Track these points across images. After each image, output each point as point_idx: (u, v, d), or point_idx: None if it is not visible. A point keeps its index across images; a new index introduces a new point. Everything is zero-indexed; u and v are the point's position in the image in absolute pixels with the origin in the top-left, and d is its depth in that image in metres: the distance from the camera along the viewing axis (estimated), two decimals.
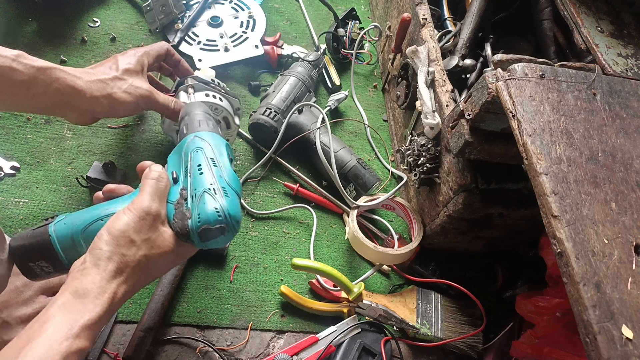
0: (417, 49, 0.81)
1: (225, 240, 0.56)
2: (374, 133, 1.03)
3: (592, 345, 0.45)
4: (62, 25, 0.96)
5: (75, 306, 0.46)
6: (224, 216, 0.53)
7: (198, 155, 0.58)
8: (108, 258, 0.49)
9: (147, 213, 0.52)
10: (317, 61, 1.02)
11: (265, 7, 1.11)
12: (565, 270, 0.48)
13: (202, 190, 0.54)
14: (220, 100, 0.77)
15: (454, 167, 0.73)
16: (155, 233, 0.52)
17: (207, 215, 0.53)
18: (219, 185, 0.55)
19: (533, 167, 0.53)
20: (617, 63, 0.75)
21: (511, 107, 0.57)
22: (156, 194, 0.54)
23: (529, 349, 0.72)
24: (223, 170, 0.57)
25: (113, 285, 0.48)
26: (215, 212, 0.53)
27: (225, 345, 0.72)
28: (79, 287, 0.47)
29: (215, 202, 0.53)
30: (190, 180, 0.56)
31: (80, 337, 0.44)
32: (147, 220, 0.52)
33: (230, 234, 0.55)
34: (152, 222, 0.52)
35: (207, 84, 0.77)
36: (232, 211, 0.54)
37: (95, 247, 0.49)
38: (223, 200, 0.54)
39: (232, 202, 0.55)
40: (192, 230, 0.53)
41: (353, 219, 0.83)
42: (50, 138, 0.83)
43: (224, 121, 0.80)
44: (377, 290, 0.84)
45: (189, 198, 0.55)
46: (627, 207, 0.53)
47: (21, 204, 0.75)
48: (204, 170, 0.56)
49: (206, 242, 0.54)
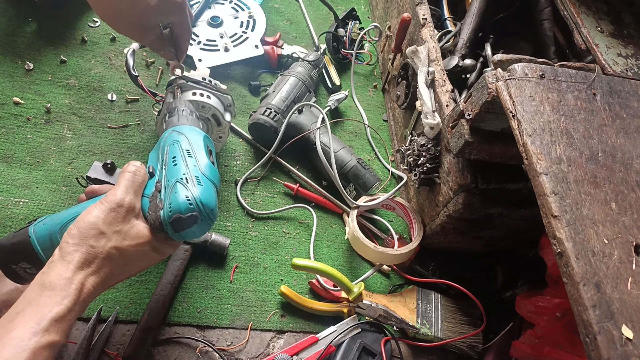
0: (417, 49, 0.81)
1: (201, 230, 0.55)
2: (374, 133, 1.03)
3: (592, 345, 0.45)
4: (62, 25, 0.97)
5: (43, 300, 0.46)
6: (195, 204, 0.52)
7: (174, 148, 0.58)
8: (74, 250, 0.49)
9: (118, 205, 0.52)
10: (317, 61, 1.02)
11: (265, 7, 1.11)
12: (565, 270, 0.48)
13: (175, 180, 0.54)
14: (208, 98, 0.77)
15: (454, 167, 0.73)
16: (128, 225, 0.52)
17: (178, 204, 0.52)
18: (192, 174, 0.55)
19: (533, 167, 0.53)
20: (617, 63, 0.74)
21: (511, 107, 0.57)
22: (131, 187, 0.54)
23: (529, 349, 0.72)
24: (198, 160, 0.57)
25: (80, 276, 0.48)
26: (186, 201, 0.52)
27: (225, 345, 0.72)
28: (46, 281, 0.47)
29: (187, 191, 0.53)
30: (165, 172, 0.56)
31: (50, 332, 0.44)
32: (119, 212, 0.52)
33: (205, 224, 0.54)
34: (125, 215, 0.52)
35: (196, 82, 0.77)
36: (204, 199, 0.53)
37: (63, 241, 0.50)
38: (195, 188, 0.53)
39: (205, 190, 0.54)
40: (164, 221, 0.53)
41: (353, 219, 0.83)
42: (50, 138, 0.83)
43: (214, 118, 0.80)
44: (377, 290, 0.84)
45: (162, 189, 0.55)
46: (627, 207, 0.53)
47: (21, 204, 0.75)
48: (178, 162, 0.56)
49: (180, 233, 0.54)
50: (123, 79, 0.94)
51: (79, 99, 0.89)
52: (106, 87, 0.92)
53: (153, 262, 0.57)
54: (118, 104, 0.91)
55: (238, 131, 0.94)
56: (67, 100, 0.88)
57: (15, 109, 0.84)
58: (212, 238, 0.78)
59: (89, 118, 0.87)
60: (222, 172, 0.89)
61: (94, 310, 0.68)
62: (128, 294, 0.72)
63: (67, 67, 0.92)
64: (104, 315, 0.69)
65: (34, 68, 0.89)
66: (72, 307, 0.46)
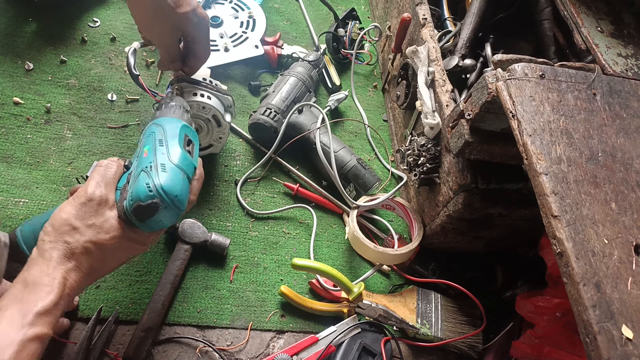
0: (417, 49, 0.81)
1: (167, 218, 0.54)
2: (374, 133, 1.03)
3: (592, 345, 0.45)
4: (62, 25, 0.97)
5: (27, 296, 0.46)
6: (155, 191, 0.51)
7: (148, 140, 0.58)
8: (51, 247, 0.49)
9: (89, 199, 0.52)
10: (317, 61, 1.02)
11: (265, 7, 1.11)
12: (565, 270, 0.48)
13: (140, 169, 0.54)
14: (208, 99, 0.77)
15: (454, 167, 0.73)
16: (101, 218, 0.52)
17: (137, 192, 0.51)
18: (157, 162, 0.54)
19: (533, 167, 0.53)
20: (617, 63, 0.74)
21: (511, 107, 0.57)
22: (102, 180, 0.54)
23: (529, 349, 0.72)
24: (169, 148, 0.56)
25: (61, 271, 0.49)
26: (145, 188, 0.51)
27: (225, 345, 0.72)
28: (28, 278, 0.48)
29: (148, 179, 0.52)
30: (136, 163, 0.56)
31: (37, 324, 0.45)
32: (90, 206, 0.52)
33: (170, 211, 0.53)
34: (97, 208, 0.52)
35: (197, 83, 0.77)
36: (166, 186, 0.52)
37: (40, 239, 0.50)
38: (158, 175, 0.52)
39: (168, 177, 0.53)
40: (127, 210, 0.52)
41: (353, 219, 0.83)
42: (50, 138, 0.83)
43: (214, 119, 0.80)
44: (377, 290, 0.84)
45: (131, 180, 0.55)
46: (627, 207, 0.53)
47: (21, 204, 0.75)
48: (149, 152, 0.56)
49: (145, 222, 0.53)
50: (123, 79, 0.94)
51: (79, 99, 0.89)
52: (106, 87, 0.92)
53: (136, 252, 0.57)
54: (118, 104, 0.91)
55: (238, 131, 0.94)
56: (67, 100, 0.88)
57: (15, 109, 0.84)
58: (212, 238, 0.78)
59: (89, 118, 0.87)
60: (222, 172, 0.89)
61: (94, 310, 0.68)
62: (128, 294, 0.72)
63: (67, 67, 0.92)
64: (104, 315, 0.69)
65: (34, 68, 0.89)
66: (57, 302, 0.47)
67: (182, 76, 0.76)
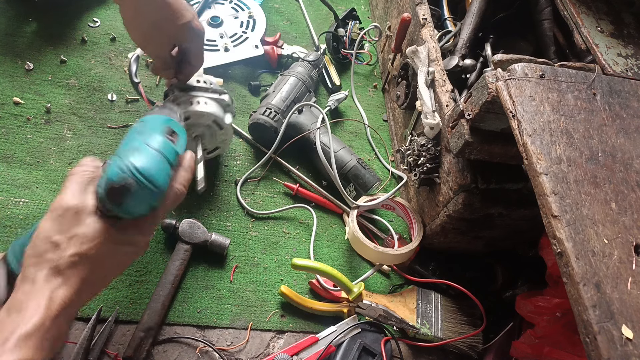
0: (417, 49, 0.81)
1: (144, 200, 0.51)
2: (374, 133, 1.03)
3: (592, 345, 0.45)
4: (62, 25, 0.97)
5: (9, 320, 0.44)
6: (128, 170, 0.49)
7: (129, 132, 0.57)
8: (35, 270, 0.47)
9: (65, 209, 0.49)
10: (317, 61, 1.02)
11: (265, 7, 1.11)
12: (565, 270, 0.48)
13: (114, 156, 0.52)
14: (205, 105, 0.74)
15: (454, 167, 0.73)
16: (82, 227, 0.49)
17: (110, 174, 0.49)
18: (132, 146, 0.52)
19: (533, 167, 0.53)
20: (617, 63, 0.74)
21: (511, 107, 0.57)
22: (76, 187, 0.51)
23: (529, 349, 0.72)
24: (147, 135, 0.54)
25: (47, 291, 0.46)
26: (117, 169, 0.49)
27: (225, 345, 0.72)
28: (11, 303, 0.45)
29: (120, 160, 0.50)
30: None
31: (20, 347, 0.42)
32: (67, 217, 0.49)
33: (145, 192, 0.50)
34: (75, 217, 0.49)
35: (191, 89, 0.75)
36: (140, 166, 0.50)
37: (24, 266, 0.48)
38: (131, 156, 0.50)
39: (142, 156, 0.51)
40: (102, 197, 0.50)
41: (353, 219, 0.83)
42: (50, 138, 0.83)
43: (215, 124, 0.78)
44: (377, 290, 0.84)
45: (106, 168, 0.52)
46: (627, 207, 0.53)
47: (21, 204, 0.75)
48: (125, 141, 0.54)
49: (122, 206, 0.50)
50: (123, 79, 0.94)
51: (79, 99, 0.89)
52: (106, 87, 0.92)
53: (128, 257, 0.54)
54: (118, 104, 0.91)
55: (238, 131, 0.94)
56: (67, 100, 0.88)
57: (15, 109, 0.84)
58: (212, 238, 0.78)
59: (89, 118, 0.87)
60: (222, 172, 0.89)
61: (94, 310, 0.68)
62: (128, 294, 0.72)
63: (67, 67, 0.92)
64: (104, 315, 0.69)
65: (34, 68, 0.89)
66: (42, 323, 0.44)
67: (175, 83, 0.74)
